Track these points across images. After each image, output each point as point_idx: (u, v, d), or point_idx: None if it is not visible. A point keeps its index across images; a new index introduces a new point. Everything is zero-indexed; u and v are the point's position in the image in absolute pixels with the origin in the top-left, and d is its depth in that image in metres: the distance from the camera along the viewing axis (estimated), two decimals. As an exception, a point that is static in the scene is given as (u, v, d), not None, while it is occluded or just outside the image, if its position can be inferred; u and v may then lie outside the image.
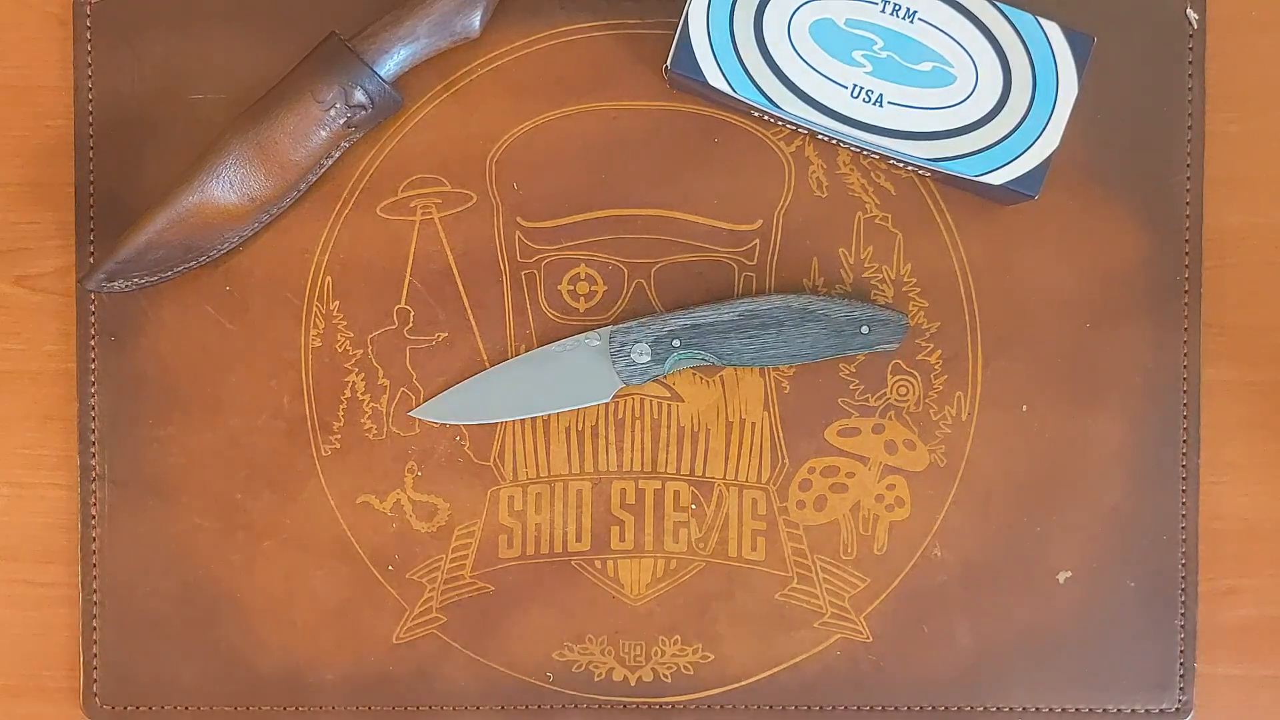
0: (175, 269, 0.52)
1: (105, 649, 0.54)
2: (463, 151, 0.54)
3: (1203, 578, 0.54)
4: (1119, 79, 0.53)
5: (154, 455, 0.54)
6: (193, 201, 0.51)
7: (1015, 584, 0.54)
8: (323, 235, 0.54)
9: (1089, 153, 0.54)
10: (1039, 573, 0.54)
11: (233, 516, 0.54)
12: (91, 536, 0.54)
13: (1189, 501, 0.54)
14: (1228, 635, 0.55)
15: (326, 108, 0.51)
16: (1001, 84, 0.50)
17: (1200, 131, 0.54)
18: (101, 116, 0.54)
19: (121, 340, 0.54)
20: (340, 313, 0.54)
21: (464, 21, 0.52)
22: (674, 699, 0.54)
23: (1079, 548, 0.54)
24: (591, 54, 0.54)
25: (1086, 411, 0.54)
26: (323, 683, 0.54)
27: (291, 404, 0.54)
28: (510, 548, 0.54)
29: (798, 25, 0.50)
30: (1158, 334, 0.54)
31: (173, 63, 0.54)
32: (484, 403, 0.54)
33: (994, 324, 0.54)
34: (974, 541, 0.54)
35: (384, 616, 0.54)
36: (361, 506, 0.54)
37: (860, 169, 0.54)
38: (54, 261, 0.55)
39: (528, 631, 0.54)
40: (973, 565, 0.54)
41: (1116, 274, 0.54)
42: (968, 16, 0.49)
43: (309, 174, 0.52)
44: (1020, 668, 0.54)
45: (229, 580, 0.54)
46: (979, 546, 0.54)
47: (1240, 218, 0.54)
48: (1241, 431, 0.55)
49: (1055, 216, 0.54)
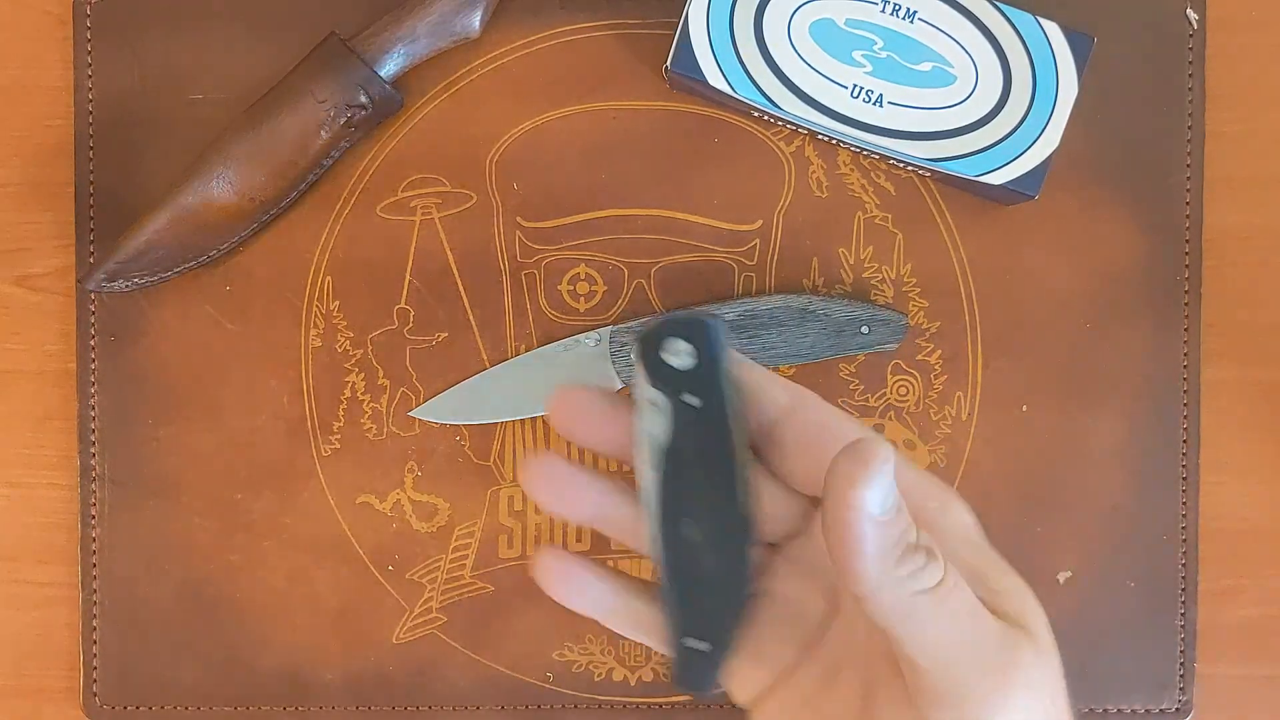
0: (175, 269, 0.52)
1: (105, 649, 0.54)
2: (463, 151, 0.54)
3: (1203, 577, 0.54)
4: (1119, 79, 0.53)
5: (154, 455, 0.54)
6: (193, 201, 0.51)
7: (1015, 584, 0.54)
8: (323, 235, 0.54)
9: (1089, 153, 0.54)
10: (1039, 573, 0.54)
11: (233, 516, 0.54)
12: (91, 536, 0.54)
13: (1189, 501, 0.54)
14: (1228, 635, 0.54)
15: (326, 108, 0.51)
16: (1001, 84, 0.50)
17: (1200, 131, 0.54)
18: (101, 116, 0.54)
19: (121, 340, 0.54)
20: (340, 313, 0.54)
21: (464, 22, 0.52)
22: (674, 699, 0.54)
23: (1079, 548, 0.54)
24: (591, 54, 0.54)
25: (1086, 411, 0.54)
26: (323, 683, 0.54)
27: (291, 404, 0.54)
28: (510, 548, 0.54)
29: (798, 25, 0.50)
30: (1158, 334, 0.54)
31: (173, 63, 0.54)
32: (484, 403, 0.54)
33: (994, 324, 0.54)
34: (974, 541, 0.54)
35: (384, 616, 0.54)
36: (361, 506, 0.54)
37: (860, 169, 0.54)
38: (54, 261, 0.55)
39: (528, 631, 0.54)
40: (973, 565, 0.54)
41: (1117, 274, 0.54)
42: (968, 16, 0.49)
43: (309, 174, 0.52)
44: (1020, 668, 0.54)
45: (229, 580, 0.54)
46: (979, 546, 0.54)
47: (1240, 217, 0.54)
48: (1242, 431, 0.55)
49: (1055, 216, 0.54)
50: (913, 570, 0.30)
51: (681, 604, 0.33)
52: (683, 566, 0.33)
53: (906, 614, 0.30)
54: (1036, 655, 0.32)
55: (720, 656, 0.34)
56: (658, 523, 0.33)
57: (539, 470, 0.35)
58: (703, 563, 0.33)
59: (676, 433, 0.33)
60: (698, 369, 0.32)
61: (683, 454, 0.33)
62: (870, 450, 0.29)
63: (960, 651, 0.31)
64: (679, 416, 0.32)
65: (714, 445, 0.33)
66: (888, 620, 0.30)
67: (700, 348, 0.32)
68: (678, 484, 0.33)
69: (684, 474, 0.33)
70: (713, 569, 0.33)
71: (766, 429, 0.34)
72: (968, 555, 0.34)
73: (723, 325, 0.33)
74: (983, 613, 0.31)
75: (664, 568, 0.33)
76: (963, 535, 0.34)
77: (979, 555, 0.34)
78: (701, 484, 0.33)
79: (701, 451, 0.33)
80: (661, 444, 0.33)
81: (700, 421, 0.33)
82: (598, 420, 0.34)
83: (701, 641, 0.34)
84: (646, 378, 0.33)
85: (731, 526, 0.33)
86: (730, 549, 0.33)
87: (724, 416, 0.33)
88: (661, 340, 0.32)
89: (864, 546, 0.29)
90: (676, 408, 0.32)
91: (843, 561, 0.29)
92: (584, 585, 0.35)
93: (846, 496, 0.29)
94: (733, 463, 0.33)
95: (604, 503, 0.35)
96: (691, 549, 0.33)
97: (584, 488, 0.35)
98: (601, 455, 0.35)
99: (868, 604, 0.30)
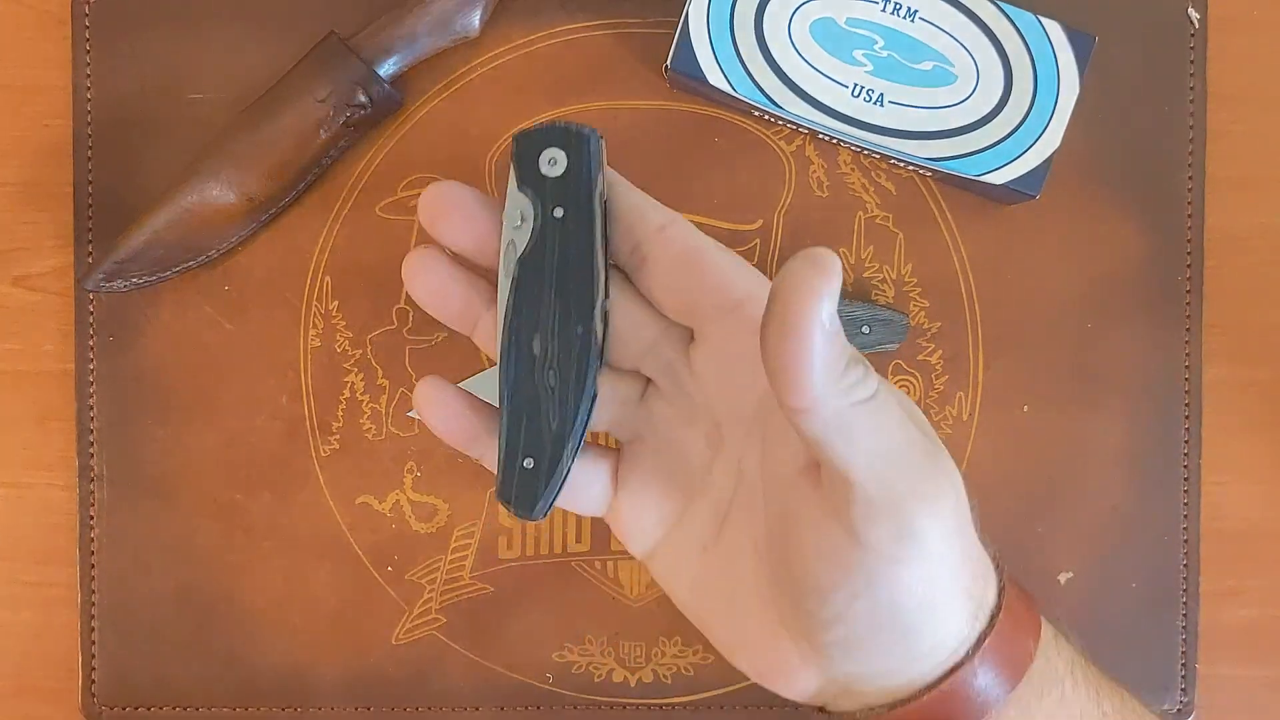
0: (174, 269, 0.52)
1: (104, 650, 0.54)
2: (462, 151, 0.54)
3: (1204, 578, 0.54)
4: (1120, 78, 0.53)
5: (153, 455, 0.54)
6: (192, 201, 0.51)
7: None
8: (322, 235, 0.54)
9: (1090, 152, 0.53)
10: (1040, 573, 0.54)
11: (231, 517, 0.54)
12: (90, 537, 0.54)
13: (1190, 502, 0.54)
14: (1229, 636, 0.54)
15: (326, 107, 0.51)
16: (1003, 83, 0.49)
17: (1202, 131, 0.54)
18: (100, 116, 0.54)
19: (120, 340, 0.54)
20: (339, 312, 0.54)
21: (463, 21, 0.52)
22: (674, 700, 0.54)
23: (1080, 548, 0.54)
24: (591, 53, 0.54)
25: (1088, 411, 0.54)
26: (322, 683, 0.54)
27: (290, 404, 0.54)
28: (510, 549, 0.54)
29: (798, 24, 0.49)
30: (1159, 334, 0.54)
31: (172, 62, 0.54)
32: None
33: (995, 324, 0.54)
34: (975, 542, 0.54)
35: (383, 617, 0.54)
36: (360, 507, 0.54)
37: (861, 168, 0.54)
38: (52, 261, 0.55)
39: (527, 632, 0.54)
40: (974, 566, 0.54)
41: (1118, 274, 0.54)
42: (969, 15, 0.49)
43: (308, 173, 0.52)
44: (1021, 669, 0.54)
45: (228, 581, 0.54)
46: (980, 547, 0.54)
47: (1242, 217, 0.54)
48: (1243, 431, 0.54)
49: (1056, 216, 0.53)
50: (853, 381, 0.30)
51: (517, 420, 0.33)
52: (524, 382, 0.33)
53: (844, 425, 0.30)
54: (951, 462, 0.33)
55: (549, 477, 0.33)
56: (505, 334, 0.33)
57: (418, 263, 0.35)
58: (545, 380, 0.33)
59: (536, 242, 0.33)
60: (566, 178, 0.32)
61: (540, 265, 0.33)
62: (828, 258, 0.28)
63: (892, 461, 0.31)
64: (543, 225, 0.32)
65: (572, 259, 0.33)
66: (825, 432, 0.30)
67: (573, 158, 0.32)
68: (530, 296, 0.33)
69: (537, 287, 0.33)
70: (555, 387, 0.33)
71: (637, 249, 0.34)
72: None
73: (601, 142, 0.33)
74: (908, 423, 0.32)
75: (505, 382, 0.33)
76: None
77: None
78: (553, 299, 0.33)
79: (559, 264, 0.33)
80: (519, 253, 0.33)
81: (562, 233, 0.32)
82: (466, 217, 0.34)
83: (531, 460, 0.33)
84: (516, 180, 0.33)
85: (577, 345, 0.33)
86: (573, 368, 0.33)
87: (587, 230, 0.32)
88: (537, 144, 0.32)
89: (814, 358, 0.28)
90: (542, 216, 0.32)
91: (790, 371, 0.29)
92: (454, 409, 0.35)
93: (806, 306, 0.28)
94: (588, 278, 0.33)
95: (472, 303, 0.35)
96: (535, 365, 0.33)
97: (458, 284, 0.35)
98: (467, 258, 0.35)
99: (806, 416, 0.30)
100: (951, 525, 0.33)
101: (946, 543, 0.33)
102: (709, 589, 0.36)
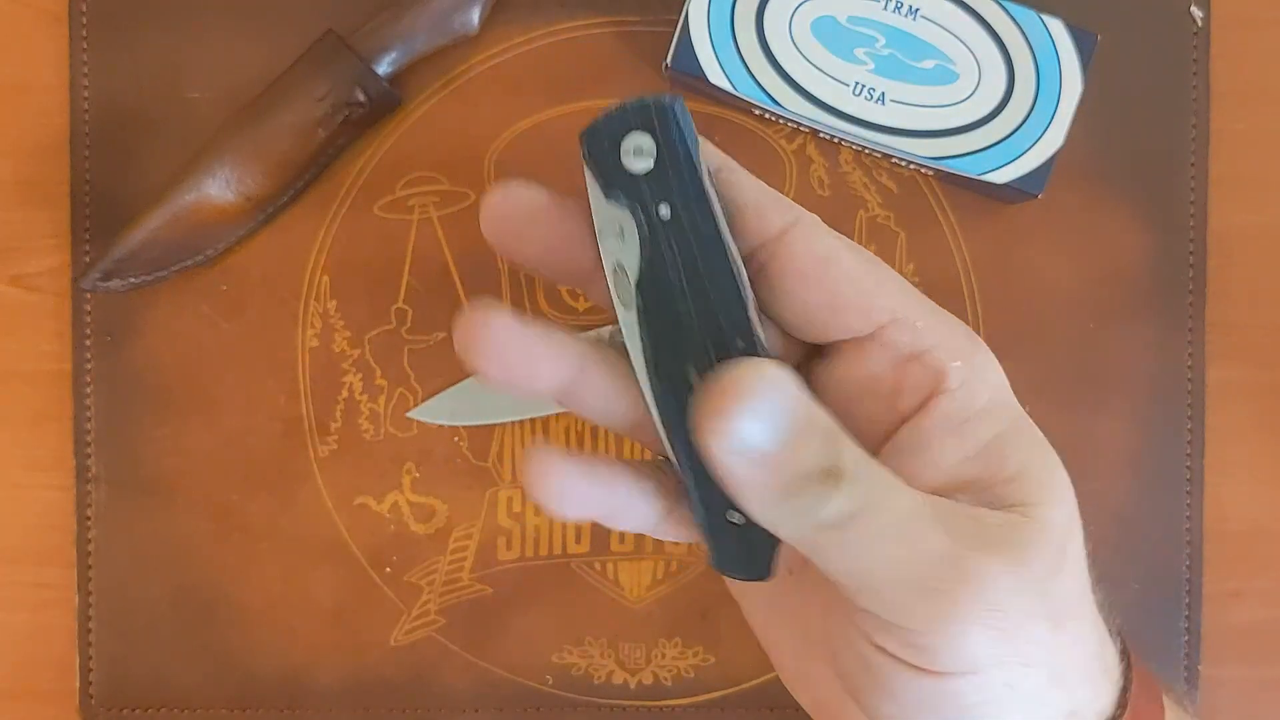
0: (171, 268, 0.52)
1: (101, 651, 0.54)
2: (461, 150, 0.54)
3: (1207, 579, 0.54)
4: (1123, 77, 0.53)
5: (150, 456, 0.54)
6: (189, 200, 0.51)
7: (1018, 586, 0.53)
8: (320, 234, 0.54)
9: (1093, 151, 0.53)
10: (1042, 574, 0.53)
11: (229, 518, 0.54)
12: (87, 538, 0.54)
13: (1193, 502, 0.53)
14: (1233, 637, 0.54)
15: (324, 106, 0.51)
16: (1005, 81, 0.49)
17: (1205, 130, 0.53)
18: (97, 114, 0.54)
19: (117, 340, 0.54)
20: (337, 312, 0.54)
21: (462, 19, 0.51)
22: (675, 702, 0.54)
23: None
24: (591, 51, 0.53)
25: (1090, 411, 0.53)
26: (320, 685, 0.54)
27: (288, 404, 0.54)
28: (509, 550, 0.54)
29: (799, 22, 0.49)
30: (1162, 333, 0.53)
31: (169, 60, 0.53)
32: (482, 404, 0.53)
33: (997, 323, 0.53)
34: (977, 543, 0.53)
35: (381, 619, 0.54)
36: (359, 508, 0.54)
37: (862, 167, 0.53)
38: (49, 260, 0.54)
39: (527, 634, 0.54)
40: (975, 567, 0.53)
41: (1121, 273, 0.53)
42: (971, 13, 0.49)
43: (306, 172, 0.52)
44: (1023, 670, 0.54)
45: (225, 582, 0.54)
46: (982, 548, 0.53)
47: (1246, 216, 0.54)
48: (1247, 432, 0.54)
49: (1059, 215, 0.53)
50: (809, 505, 0.25)
51: (701, 471, 0.26)
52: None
53: (812, 547, 0.25)
54: (1008, 567, 0.27)
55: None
56: (650, 376, 0.26)
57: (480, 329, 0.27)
58: None
59: (651, 256, 0.25)
60: (661, 166, 0.25)
61: (665, 282, 0.25)
62: (742, 379, 0.24)
63: (892, 574, 0.26)
64: (651, 233, 0.25)
65: (700, 260, 0.25)
66: (797, 547, 0.26)
67: (663, 139, 0.25)
68: (665, 323, 0.25)
69: (670, 308, 0.25)
70: None
71: (753, 256, 0.27)
72: (984, 431, 0.29)
73: (685, 107, 0.25)
74: (920, 533, 0.26)
75: (673, 431, 0.26)
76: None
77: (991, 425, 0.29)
78: (693, 316, 0.25)
79: (688, 273, 0.25)
80: (635, 275, 0.26)
81: (678, 235, 0.25)
82: (537, 221, 0.27)
83: (738, 513, 0.27)
84: (600, 188, 0.26)
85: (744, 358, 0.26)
86: None
87: (707, 219, 0.25)
88: (614, 135, 0.25)
89: (740, 487, 0.24)
90: (646, 222, 0.25)
91: (730, 493, 0.25)
92: (577, 489, 0.27)
93: (706, 434, 0.24)
94: (728, 277, 0.25)
95: (565, 365, 0.27)
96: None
97: (537, 347, 0.27)
98: (543, 274, 0.28)
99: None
100: (1008, 626, 0.27)
101: (1000, 647, 0.27)
102: (785, 614, 0.32)
